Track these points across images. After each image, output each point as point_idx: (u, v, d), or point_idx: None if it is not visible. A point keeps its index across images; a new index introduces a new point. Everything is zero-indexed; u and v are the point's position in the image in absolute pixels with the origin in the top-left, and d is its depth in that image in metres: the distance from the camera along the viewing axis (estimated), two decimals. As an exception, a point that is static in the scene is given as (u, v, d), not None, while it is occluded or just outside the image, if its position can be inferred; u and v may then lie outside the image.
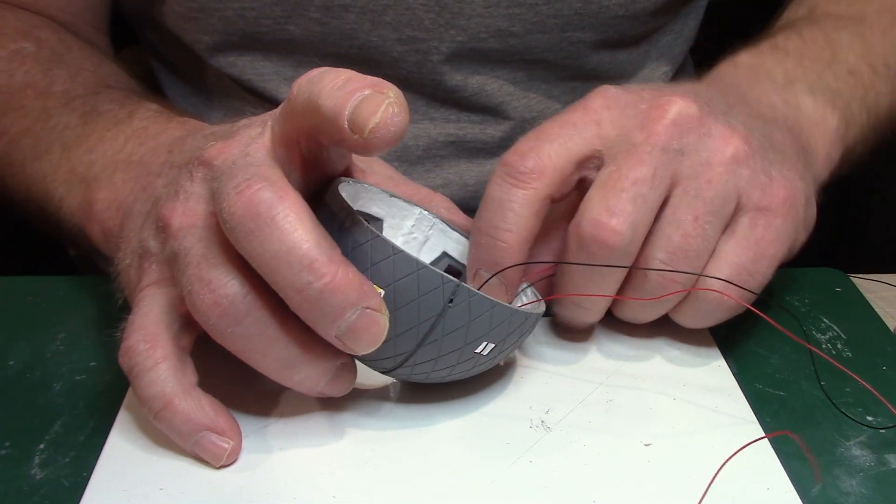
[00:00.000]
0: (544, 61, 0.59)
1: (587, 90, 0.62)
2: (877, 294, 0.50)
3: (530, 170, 0.39)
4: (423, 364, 0.37)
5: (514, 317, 0.37)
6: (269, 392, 0.40)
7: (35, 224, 0.52)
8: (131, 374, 0.36)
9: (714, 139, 0.41)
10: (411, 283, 0.35)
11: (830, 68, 0.51)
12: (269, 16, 0.56)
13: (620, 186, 0.39)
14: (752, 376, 0.43)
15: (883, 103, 0.53)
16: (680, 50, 0.66)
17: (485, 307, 0.36)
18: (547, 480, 0.36)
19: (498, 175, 0.40)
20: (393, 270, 0.35)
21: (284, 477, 0.36)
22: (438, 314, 0.35)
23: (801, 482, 0.36)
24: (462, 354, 0.37)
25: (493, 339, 0.37)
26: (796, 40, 0.52)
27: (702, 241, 0.39)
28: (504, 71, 0.59)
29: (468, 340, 0.36)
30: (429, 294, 0.35)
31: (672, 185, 0.40)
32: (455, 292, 0.35)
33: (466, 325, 0.36)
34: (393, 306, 0.35)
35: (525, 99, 0.60)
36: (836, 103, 0.49)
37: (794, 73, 0.49)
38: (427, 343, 0.36)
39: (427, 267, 0.35)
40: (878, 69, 0.53)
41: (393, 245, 0.35)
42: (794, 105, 0.47)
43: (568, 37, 0.58)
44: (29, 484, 0.36)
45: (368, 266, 0.35)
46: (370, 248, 0.35)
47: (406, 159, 0.61)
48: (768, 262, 0.40)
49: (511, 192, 0.39)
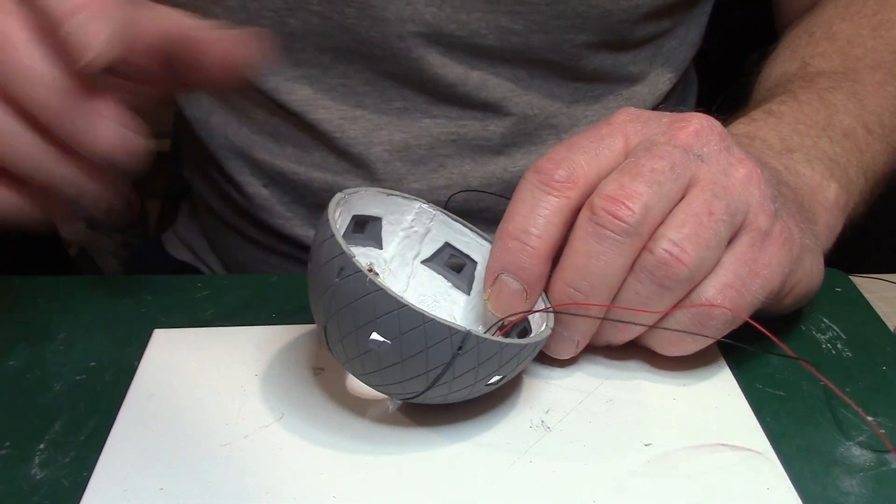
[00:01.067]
0: (545, 61, 0.59)
1: (590, 92, 0.63)
2: (877, 294, 0.50)
3: (564, 178, 0.39)
4: (435, 398, 0.37)
5: (524, 350, 0.37)
6: (269, 392, 0.40)
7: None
8: None
9: (733, 157, 0.41)
10: (418, 335, 0.34)
11: (826, 132, 0.51)
12: (271, 8, 0.56)
13: (637, 172, 0.39)
14: (752, 376, 0.43)
15: (879, 163, 0.53)
16: (683, 57, 0.66)
17: (494, 349, 0.36)
18: (547, 480, 0.36)
19: (529, 181, 0.40)
20: (399, 323, 0.34)
21: (284, 477, 0.36)
22: (448, 362, 0.35)
23: (801, 482, 0.37)
24: (473, 389, 0.37)
25: (504, 372, 0.37)
26: (791, 103, 0.52)
27: (713, 235, 0.39)
28: (505, 68, 0.59)
29: (479, 378, 0.36)
30: (437, 345, 0.35)
31: (690, 185, 0.40)
32: (464, 341, 0.35)
33: (476, 368, 0.36)
34: (400, 356, 0.35)
35: (527, 96, 0.60)
36: (833, 172, 0.48)
37: (790, 140, 0.49)
38: (437, 385, 0.36)
39: (434, 320, 0.34)
40: (873, 129, 0.53)
41: (397, 299, 0.34)
42: (795, 172, 0.47)
43: (569, 38, 0.58)
44: (29, 484, 0.36)
45: (372, 318, 0.35)
46: (373, 300, 0.35)
47: (409, 159, 0.61)
48: (762, 283, 0.40)
49: (543, 199, 0.39)
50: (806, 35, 0.60)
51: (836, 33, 0.59)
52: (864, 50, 0.58)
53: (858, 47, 0.58)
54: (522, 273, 0.39)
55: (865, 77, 0.56)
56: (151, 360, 0.42)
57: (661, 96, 0.66)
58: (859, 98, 0.54)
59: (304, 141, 0.61)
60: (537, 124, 0.62)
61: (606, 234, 0.38)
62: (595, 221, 0.38)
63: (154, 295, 0.48)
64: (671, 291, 0.39)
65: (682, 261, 0.38)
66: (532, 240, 0.39)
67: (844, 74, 0.56)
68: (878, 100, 0.55)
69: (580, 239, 0.39)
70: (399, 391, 0.37)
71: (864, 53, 0.58)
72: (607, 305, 0.40)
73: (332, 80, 0.59)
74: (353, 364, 0.37)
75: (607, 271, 0.39)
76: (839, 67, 0.57)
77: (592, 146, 0.41)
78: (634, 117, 0.42)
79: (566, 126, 0.62)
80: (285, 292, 0.48)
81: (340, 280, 0.35)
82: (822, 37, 0.59)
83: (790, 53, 0.60)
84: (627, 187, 0.38)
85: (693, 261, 0.38)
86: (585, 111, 0.63)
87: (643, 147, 0.40)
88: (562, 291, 0.40)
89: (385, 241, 0.44)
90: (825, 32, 0.60)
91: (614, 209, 0.38)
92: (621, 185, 0.38)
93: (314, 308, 0.38)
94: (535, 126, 0.62)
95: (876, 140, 0.53)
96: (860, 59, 0.57)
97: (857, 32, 0.59)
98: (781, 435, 0.39)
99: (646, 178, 0.39)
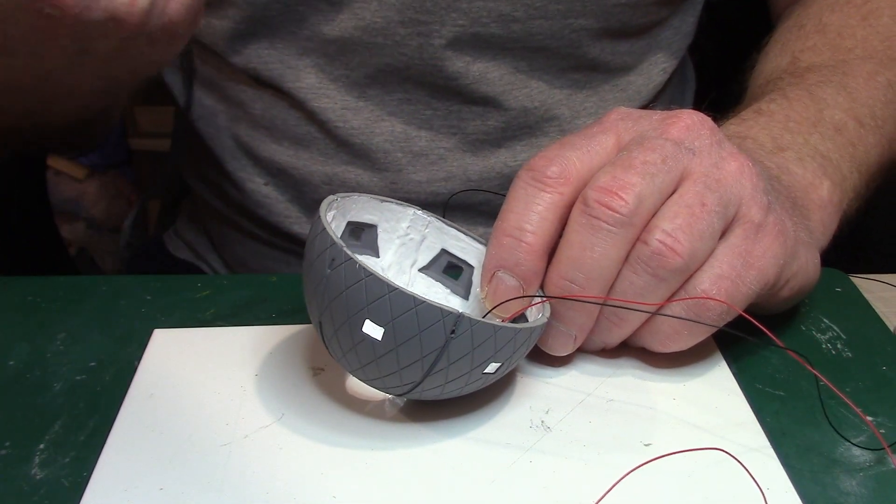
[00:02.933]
0: (545, 49, 0.60)
1: (588, 83, 0.63)
2: (877, 294, 0.50)
3: (557, 175, 0.40)
4: (432, 389, 0.37)
5: (518, 335, 0.37)
6: (269, 392, 0.40)
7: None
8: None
9: (725, 151, 0.41)
10: (411, 319, 0.35)
11: (817, 129, 0.51)
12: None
13: (630, 164, 0.39)
14: (752, 376, 0.43)
15: (872, 156, 0.53)
16: (678, 47, 0.67)
17: (488, 332, 0.36)
18: (547, 480, 0.36)
19: (522, 179, 0.40)
20: (390, 308, 0.34)
21: (285, 477, 0.36)
22: (442, 346, 0.35)
23: (801, 482, 0.37)
24: (470, 377, 0.37)
25: (499, 358, 0.37)
26: (781, 101, 0.52)
27: (707, 226, 0.39)
28: (505, 59, 0.59)
29: (475, 365, 0.36)
30: (430, 328, 0.35)
31: (682, 178, 0.40)
32: (457, 323, 0.35)
33: (471, 352, 0.36)
34: (394, 342, 0.35)
35: (526, 89, 0.61)
36: (826, 169, 0.48)
37: (781, 138, 0.49)
38: (433, 373, 0.36)
39: (425, 302, 0.34)
40: (865, 122, 0.53)
41: (388, 283, 0.34)
42: (787, 170, 0.47)
43: (570, 24, 0.58)
44: (29, 484, 0.36)
45: (364, 305, 0.35)
46: (364, 287, 0.35)
47: (409, 150, 0.61)
48: (756, 274, 0.40)
49: (537, 195, 0.39)
50: (796, 28, 0.61)
51: (826, 25, 0.59)
52: (853, 41, 0.58)
53: (848, 38, 0.58)
54: (518, 269, 0.39)
55: (856, 69, 0.56)
56: (151, 360, 0.42)
57: (658, 86, 0.66)
58: (850, 91, 0.54)
59: (304, 133, 0.62)
60: (538, 117, 0.62)
61: (600, 225, 0.38)
62: (589, 213, 0.38)
63: (154, 295, 0.48)
64: (666, 282, 0.39)
65: (677, 251, 0.38)
66: (527, 236, 0.39)
67: (834, 67, 0.56)
68: (869, 91, 0.54)
69: (575, 231, 0.39)
70: (396, 382, 0.37)
71: (855, 44, 0.57)
72: (603, 297, 0.40)
73: (336, 70, 0.60)
74: (349, 358, 0.37)
75: (602, 263, 0.39)
76: (829, 60, 0.57)
77: (584, 143, 0.41)
78: (625, 115, 0.43)
79: (567, 117, 0.63)
80: (285, 292, 0.48)
81: (332, 270, 0.35)
82: (812, 29, 0.59)
83: (780, 48, 0.60)
84: (620, 178, 0.38)
85: (687, 251, 0.39)
86: (584, 102, 0.63)
87: (635, 142, 0.41)
88: (558, 284, 0.40)
89: (382, 249, 0.44)
90: (815, 25, 0.60)
91: (608, 200, 0.38)
92: (614, 177, 0.39)
93: (309, 305, 0.38)
94: (535, 119, 0.62)
95: (868, 132, 0.53)
96: (850, 49, 0.57)
97: (847, 23, 0.59)
98: (781, 435, 0.39)
99: (638, 170, 0.39)
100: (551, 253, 0.40)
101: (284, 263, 0.67)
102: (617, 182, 0.38)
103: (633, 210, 0.38)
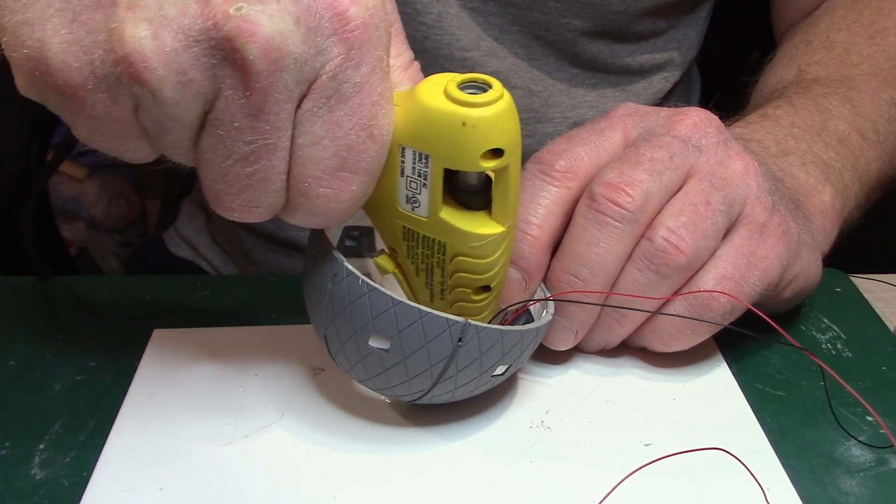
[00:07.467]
0: (543, 40, 0.60)
1: (588, 79, 0.63)
2: (877, 294, 0.50)
3: (564, 169, 0.40)
4: (442, 395, 0.37)
5: (525, 336, 0.37)
6: (269, 392, 0.40)
7: None
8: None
9: (731, 150, 0.41)
10: (416, 331, 0.34)
11: (821, 137, 0.51)
12: None
13: (637, 160, 0.39)
14: (752, 376, 0.43)
15: (873, 169, 0.53)
16: (682, 59, 0.67)
17: (495, 337, 0.36)
18: (547, 480, 0.36)
19: (530, 171, 0.40)
20: (396, 321, 0.34)
21: (284, 477, 0.36)
22: (450, 355, 0.35)
23: (801, 482, 0.37)
24: (479, 381, 0.37)
25: (507, 360, 0.37)
26: (787, 107, 0.53)
27: (711, 224, 0.39)
28: (510, 40, 0.59)
29: (483, 369, 0.36)
30: (436, 339, 0.35)
31: (688, 175, 0.40)
32: (463, 331, 0.35)
33: (479, 358, 0.36)
34: (402, 354, 0.35)
35: (529, 73, 0.61)
36: (828, 176, 0.49)
37: (785, 143, 0.49)
38: (442, 380, 0.36)
39: (430, 314, 0.34)
40: (868, 135, 0.53)
41: (391, 296, 0.34)
42: (790, 174, 0.47)
43: (566, 23, 0.59)
44: (29, 484, 0.36)
45: (370, 319, 0.35)
46: (368, 301, 0.34)
47: None
48: (760, 275, 0.40)
49: (544, 188, 0.40)
50: (803, 44, 0.61)
51: (834, 42, 0.59)
52: (860, 58, 0.58)
53: (855, 55, 0.58)
54: (522, 262, 0.39)
55: (861, 84, 0.56)
56: (151, 360, 0.42)
57: (659, 94, 0.66)
58: (854, 104, 0.54)
59: None
60: (543, 101, 0.62)
61: (606, 220, 0.38)
62: (595, 208, 0.38)
63: (154, 295, 0.48)
64: (669, 279, 0.39)
65: (680, 248, 0.39)
66: (532, 229, 0.39)
67: (840, 81, 0.56)
68: (873, 107, 0.55)
69: (580, 226, 0.39)
70: (406, 391, 0.37)
71: (861, 61, 0.58)
72: (606, 293, 0.40)
73: None
74: (357, 370, 0.37)
75: (606, 258, 0.39)
76: (835, 75, 0.57)
77: (592, 138, 0.41)
78: (633, 111, 0.43)
79: (569, 106, 0.63)
80: (285, 292, 0.48)
81: (334, 286, 0.35)
82: (819, 46, 0.60)
83: (787, 62, 0.60)
84: (627, 175, 0.39)
85: (690, 249, 0.39)
86: (585, 96, 0.63)
87: (643, 138, 0.41)
88: (561, 279, 0.40)
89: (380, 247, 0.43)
90: (822, 41, 0.60)
91: (614, 196, 0.38)
92: (621, 173, 0.39)
93: (313, 319, 0.38)
94: (540, 103, 0.62)
95: (871, 146, 0.53)
96: (856, 66, 0.57)
97: (854, 41, 0.59)
98: (781, 435, 0.39)
99: (645, 167, 0.39)
100: (555, 248, 0.40)
101: (286, 256, 0.67)
102: (624, 178, 0.38)
103: (639, 206, 0.38)
